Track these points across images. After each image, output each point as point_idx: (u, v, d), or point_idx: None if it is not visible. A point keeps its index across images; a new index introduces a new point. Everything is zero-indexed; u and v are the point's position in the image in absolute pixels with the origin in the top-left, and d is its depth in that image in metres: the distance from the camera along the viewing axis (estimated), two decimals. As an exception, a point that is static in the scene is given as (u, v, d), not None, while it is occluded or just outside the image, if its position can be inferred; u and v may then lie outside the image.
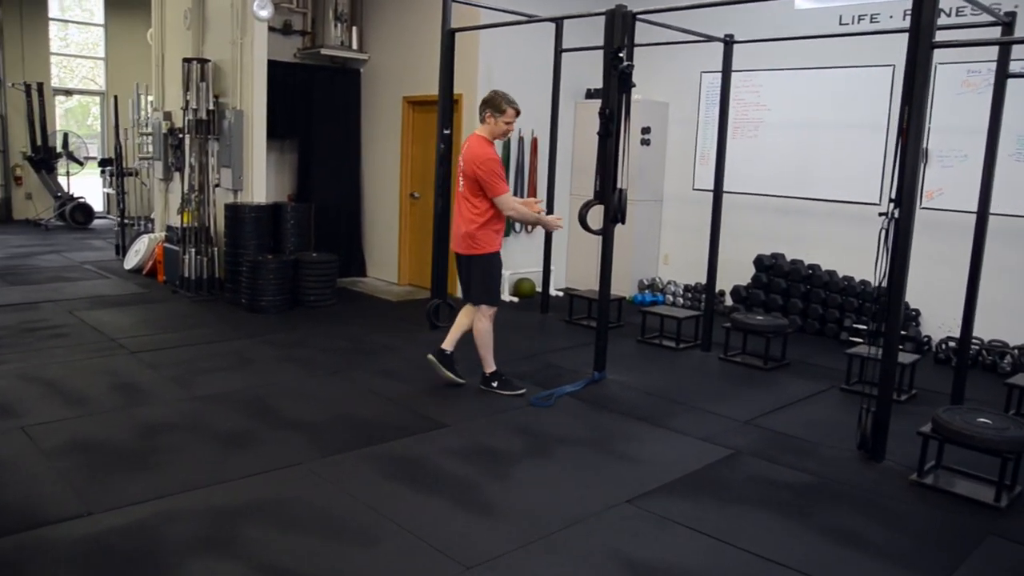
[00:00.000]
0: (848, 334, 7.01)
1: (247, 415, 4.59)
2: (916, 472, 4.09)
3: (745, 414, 5.00)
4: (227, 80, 7.95)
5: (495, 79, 8.05)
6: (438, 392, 5.21)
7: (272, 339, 6.35)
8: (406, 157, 8.89)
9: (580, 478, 3.95)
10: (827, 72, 7.41)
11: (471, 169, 4.95)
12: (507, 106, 4.95)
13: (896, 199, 4.08)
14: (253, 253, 7.49)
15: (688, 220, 8.59)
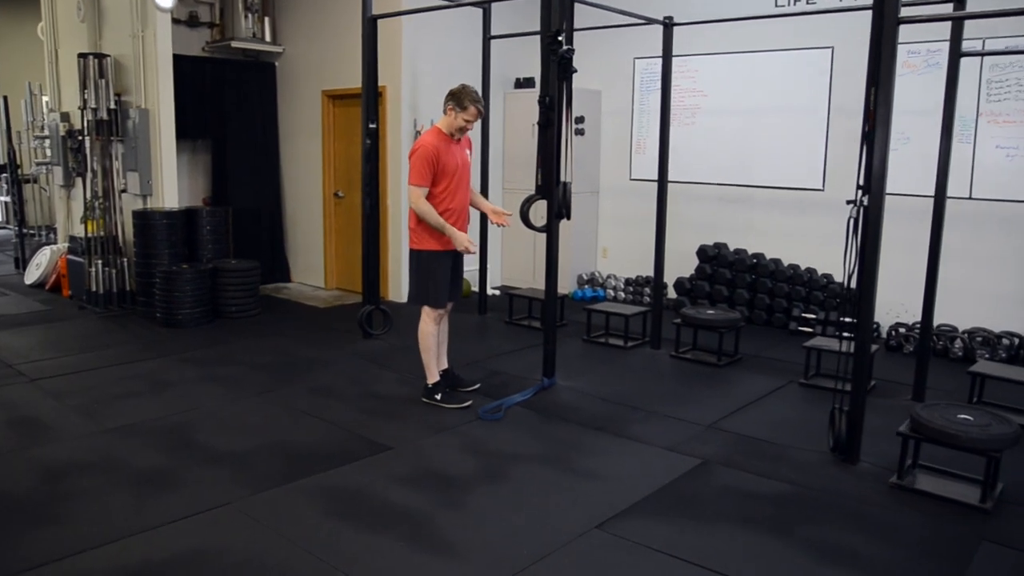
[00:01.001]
0: (798, 324, 6.83)
1: (165, 449, 4.10)
2: (896, 474, 3.86)
3: (707, 417, 4.73)
4: (129, 77, 7.32)
5: (420, 70, 7.63)
6: (377, 409, 4.80)
7: (191, 357, 5.82)
8: (328, 155, 8.40)
9: (542, 503, 3.60)
10: (764, 55, 7.21)
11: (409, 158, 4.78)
12: (470, 104, 4.67)
13: (864, 186, 3.83)
14: (167, 263, 6.92)
15: (626, 212, 8.33)
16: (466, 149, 4.95)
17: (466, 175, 4.89)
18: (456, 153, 4.79)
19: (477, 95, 4.74)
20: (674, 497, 3.66)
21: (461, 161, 4.82)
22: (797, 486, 3.80)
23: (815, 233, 7.05)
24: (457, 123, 4.71)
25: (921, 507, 3.62)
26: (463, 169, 4.84)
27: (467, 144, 4.97)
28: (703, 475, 3.91)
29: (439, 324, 4.97)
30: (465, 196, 4.88)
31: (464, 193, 4.87)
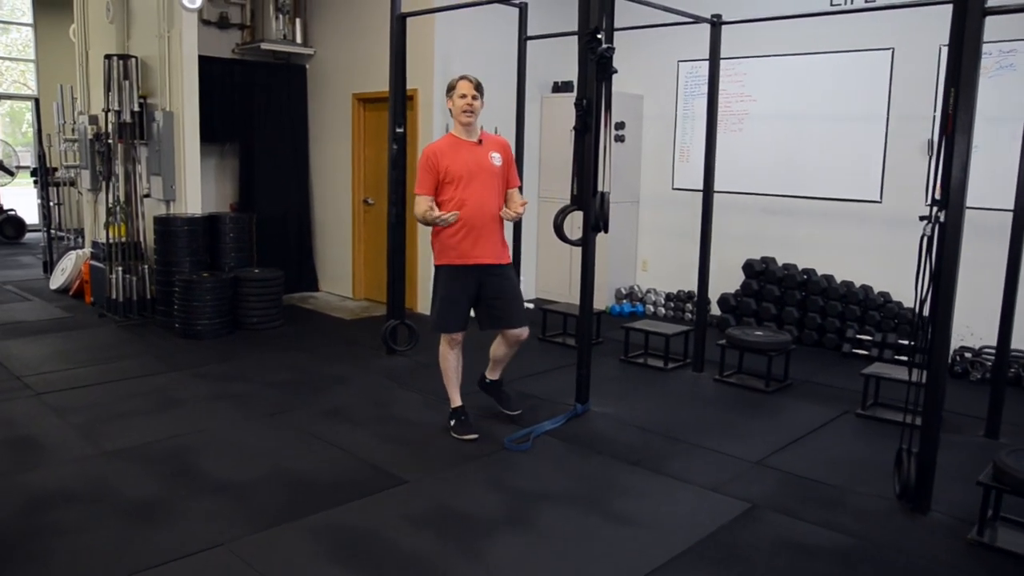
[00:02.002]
0: (852, 347, 6.35)
1: (164, 476, 3.78)
2: (976, 528, 3.40)
3: (755, 452, 4.30)
4: (155, 79, 7.10)
5: (453, 72, 7.26)
6: (395, 435, 4.45)
7: (205, 372, 5.53)
8: (358, 160, 8.10)
9: (572, 553, 3.21)
10: (818, 58, 6.75)
11: None
12: (456, 81, 4.36)
13: (941, 200, 3.39)
14: (187, 271, 6.67)
15: (668, 223, 7.90)
16: (492, 152, 4.41)
17: (488, 181, 4.34)
18: (468, 157, 4.32)
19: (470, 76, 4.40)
20: (720, 549, 3.25)
21: (476, 165, 4.32)
22: (860, 539, 3.36)
23: (871, 248, 6.57)
24: (457, 107, 4.34)
25: (1006, 570, 3.16)
26: (481, 174, 4.32)
27: (495, 146, 4.46)
28: (752, 522, 3.49)
29: (454, 349, 4.55)
30: (484, 204, 4.31)
31: (482, 200, 4.31)
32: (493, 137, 4.54)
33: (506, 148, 4.52)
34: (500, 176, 4.43)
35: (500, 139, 4.57)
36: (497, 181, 4.41)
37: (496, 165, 4.40)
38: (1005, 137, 5.50)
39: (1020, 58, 5.76)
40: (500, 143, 4.52)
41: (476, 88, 4.34)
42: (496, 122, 7.57)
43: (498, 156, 4.42)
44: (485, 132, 4.52)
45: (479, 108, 4.36)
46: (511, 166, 4.50)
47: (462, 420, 4.50)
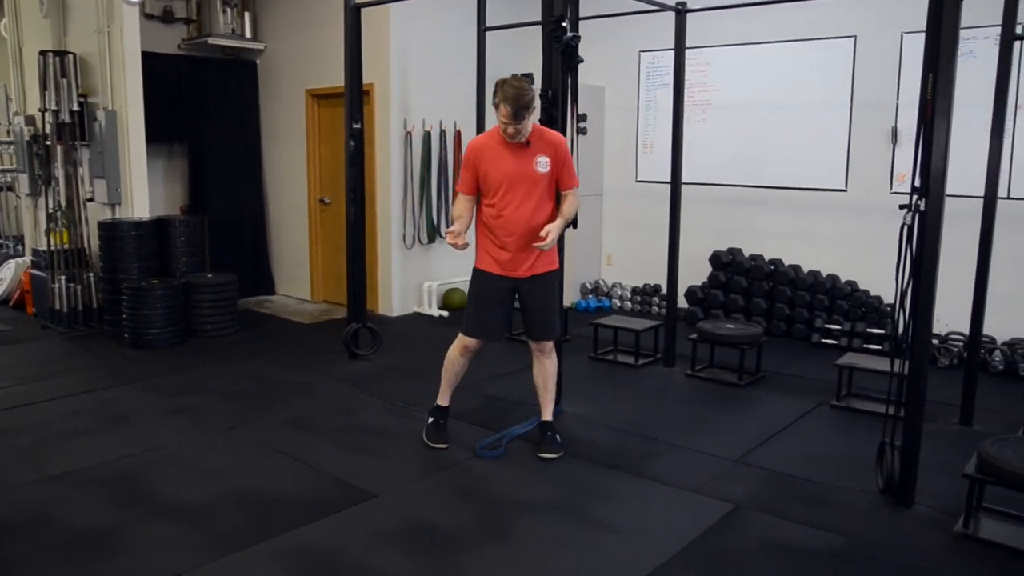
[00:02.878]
0: (821, 336, 6.30)
1: (114, 501, 3.54)
2: (961, 520, 3.32)
3: (733, 449, 4.18)
4: (95, 76, 6.77)
5: (410, 66, 7.10)
6: (362, 445, 4.25)
7: (158, 384, 5.26)
8: (313, 158, 7.85)
9: (554, 567, 3.05)
10: (781, 46, 6.67)
11: None
12: (500, 102, 3.74)
13: (921, 188, 3.29)
14: (136, 277, 6.37)
15: (632, 216, 7.79)
16: (539, 157, 3.89)
17: (530, 191, 3.90)
18: (509, 163, 3.89)
19: (516, 88, 3.70)
20: (707, 554, 3.12)
21: (516, 173, 3.89)
22: (848, 537, 3.25)
23: (837, 237, 6.52)
24: (500, 124, 3.86)
25: (995, 564, 3.08)
26: (521, 184, 3.89)
27: (545, 148, 3.92)
28: (737, 525, 3.37)
29: (464, 356, 4.23)
30: (524, 216, 3.90)
31: (521, 212, 3.90)
32: (547, 135, 3.98)
33: (558, 147, 3.96)
34: (545, 184, 3.94)
35: (554, 137, 3.99)
36: (541, 190, 3.93)
37: (541, 172, 3.90)
38: (966, 125, 5.47)
39: (979, 45, 5.73)
40: (552, 143, 3.95)
41: (515, 115, 3.73)
42: (455, 116, 7.42)
43: (545, 160, 3.91)
44: (539, 126, 4.01)
45: (526, 130, 3.82)
46: (564, 167, 3.97)
47: (439, 424, 4.27)
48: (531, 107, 3.75)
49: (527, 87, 3.72)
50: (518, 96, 3.68)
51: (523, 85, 3.72)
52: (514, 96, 3.68)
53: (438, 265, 7.61)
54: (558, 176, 3.97)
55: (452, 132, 7.46)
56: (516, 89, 3.69)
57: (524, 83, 3.74)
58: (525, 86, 3.72)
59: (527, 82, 3.76)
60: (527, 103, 3.71)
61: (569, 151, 4.03)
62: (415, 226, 7.37)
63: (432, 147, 7.33)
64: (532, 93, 3.73)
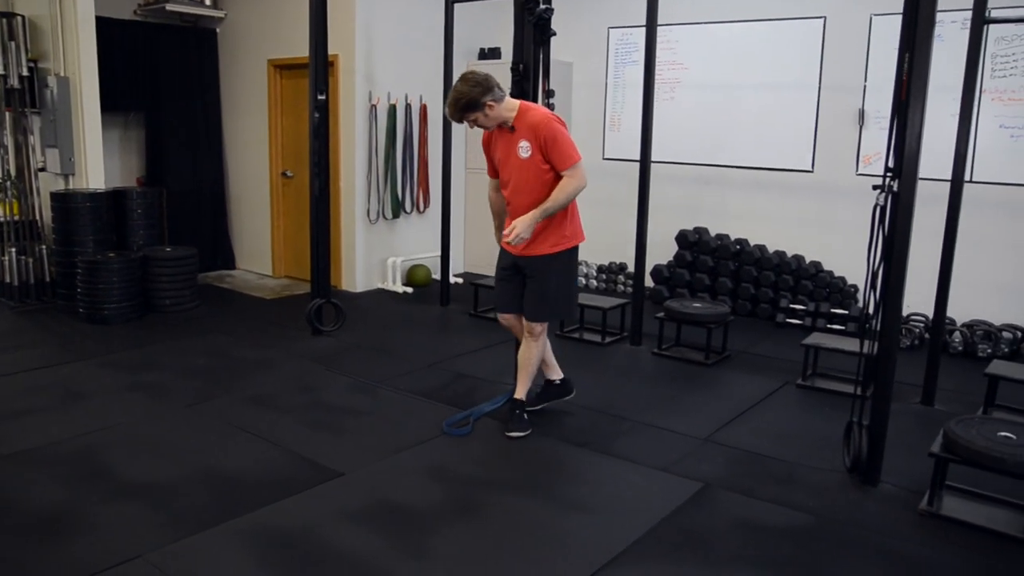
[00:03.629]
0: (785, 316, 6.34)
1: (70, 481, 3.42)
2: (925, 498, 3.36)
3: (702, 428, 4.19)
4: (47, 40, 6.52)
5: (376, 37, 6.96)
6: (327, 422, 4.17)
7: (114, 360, 5.12)
8: (275, 131, 7.68)
9: (522, 546, 3.02)
10: (750, 26, 6.65)
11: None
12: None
13: (895, 169, 3.29)
14: (91, 250, 6.19)
15: (598, 194, 7.69)
16: (520, 141, 3.76)
17: (520, 175, 3.83)
18: (500, 145, 3.88)
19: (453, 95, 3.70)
20: (677, 534, 3.11)
21: (506, 155, 3.85)
22: (816, 516, 3.27)
23: (803, 218, 6.55)
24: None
25: (958, 540, 3.12)
26: (509, 167, 3.86)
27: (525, 132, 3.75)
28: (707, 503, 3.37)
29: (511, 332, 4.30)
30: (519, 195, 3.86)
31: (517, 190, 3.86)
32: (528, 117, 3.78)
33: (536, 129, 3.73)
34: (531, 167, 3.78)
35: (532, 119, 3.76)
36: (530, 175, 3.80)
37: (523, 157, 3.78)
38: (934, 108, 5.50)
39: (948, 29, 5.76)
40: (530, 126, 3.75)
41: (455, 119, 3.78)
42: (421, 90, 7.30)
43: (526, 145, 3.76)
44: (527, 107, 3.83)
45: (487, 123, 3.78)
46: (549, 148, 3.73)
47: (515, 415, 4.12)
48: (472, 109, 3.68)
49: (463, 92, 3.66)
50: (451, 105, 3.72)
51: (459, 92, 3.67)
52: (448, 106, 3.75)
53: (403, 241, 7.51)
54: (548, 159, 3.76)
55: (418, 106, 7.34)
56: (450, 99, 3.73)
57: (463, 88, 3.66)
58: (460, 93, 3.67)
59: (470, 83, 3.66)
60: (463, 107, 3.68)
61: (556, 128, 3.74)
62: (379, 201, 7.25)
63: (397, 121, 7.20)
64: (468, 97, 3.65)
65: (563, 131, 3.78)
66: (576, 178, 3.83)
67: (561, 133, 3.76)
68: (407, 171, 7.38)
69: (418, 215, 7.58)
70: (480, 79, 3.68)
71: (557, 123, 3.78)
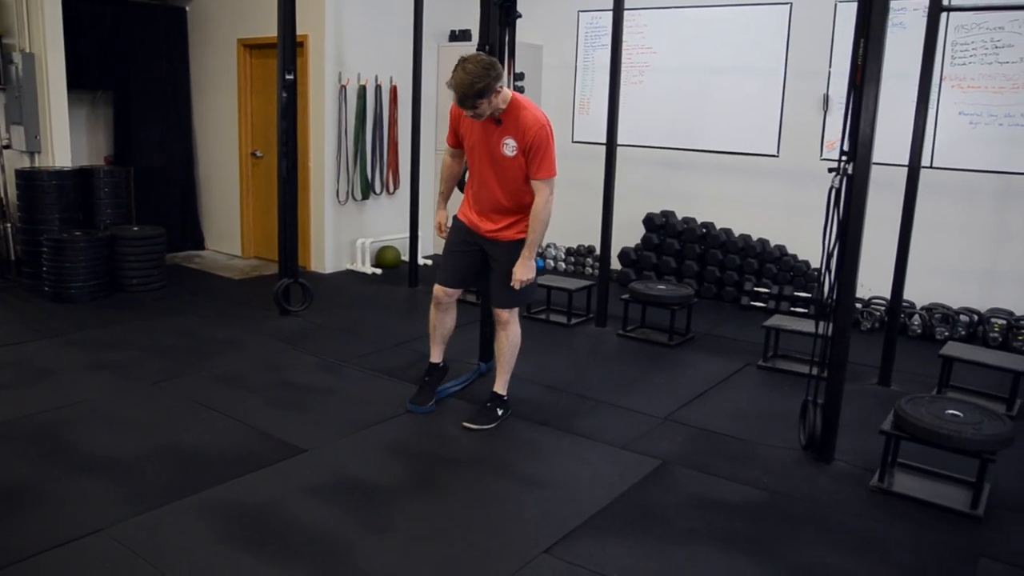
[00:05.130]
0: (750, 299, 6.44)
1: (33, 457, 3.44)
2: (876, 475, 3.46)
3: (662, 407, 4.27)
4: (10, 16, 6.44)
5: (346, 18, 6.94)
6: (291, 401, 4.21)
7: (80, 338, 5.11)
8: (245, 110, 7.64)
9: (481, 520, 3.09)
10: (717, 11, 6.71)
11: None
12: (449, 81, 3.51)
13: (849, 152, 3.37)
14: (56, 229, 6.14)
15: (567, 176, 7.63)
16: (505, 139, 3.63)
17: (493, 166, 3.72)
18: (479, 130, 3.69)
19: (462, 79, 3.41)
20: (633, 509, 3.19)
21: (484, 145, 3.71)
22: (770, 492, 3.36)
23: (769, 202, 6.65)
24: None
25: (907, 514, 3.22)
26: (486, 155, 3.72)
27: (513, 132, 3.61)
28: (663, 480, 3.45)
29: (437, 309, 4.14)
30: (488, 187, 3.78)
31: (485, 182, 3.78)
32: (522, 117, 3.61)
33: (526, 132, 3.59)
34: (512, 167, 3.68)
35: (526, 121, 3.60)
36: (510, 174, 3.71)
37: (507, 155, 3.66)
38: (895, 94, 5.61)
39: (909, 16, 5.86)
40: (522, 127, 3.60)
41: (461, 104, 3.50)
42: (392, 71, 7.29)
43: (512, 144, 3.63)
44: (519, 103, 3.64)
45: (484, 112, 3.53)
46: (532, 155, 3.61)
47: (422, 381, 4.17)
48: (483, 96, 3.43)
49: (478, 76, 3.38)
50: (464, 88, 3.41)
51: (473, 75, 3.38)
52: (460, 87, 3.42)
53: (372, 222, 7.52)
54: (527, 162, 3.65)
55: (388, 87, 7.34)
56: (462, 80, 3.40)
57: (476, 71, 3.39)
58: (475, 76, 3.38)
59: (483, 66, 3.41)
60: (476, 93, 3.41)
61: (546, 138, 3.61)
62: (349, 182, 7.26)
63: (367, 102, 7.19)
64: (484, 82, 3.39)
65: (552, 143, 3.67)
66: (544, 197, 3.72)
67: (550, 145, 3.65)
68: (377, 152, 7.38)
69: (388, 196, 7.59)
70: (491, 63, 3.46)
71: (549, 132, 3.65)
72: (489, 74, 3.41)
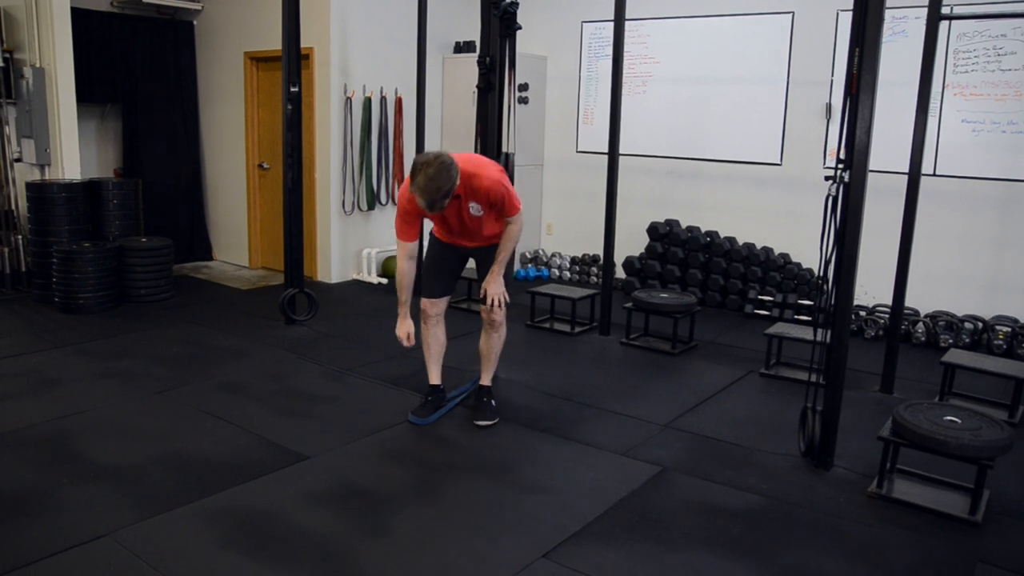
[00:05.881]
0: (754, 307, 6.45)
1: (40, 464, 3.49)
2: (875, 481, 3.47)
3: (663, 415, 4.29)
4: (22, 31, 6.54)
5: (351, 31, 7.01)
6: (295, 409, 4.25)
7: (88, 348, 5.17)
8: (251, 123, 7.72)
9: (480, 526, 3.11)
10: (721, 21, 6.76)
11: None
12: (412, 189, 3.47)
13: (846, 160, 3.39)
14: (66, 240, 6.22)
15: (572, 186, 7.85)
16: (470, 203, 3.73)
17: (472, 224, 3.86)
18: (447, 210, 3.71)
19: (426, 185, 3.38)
20: (632, 515, 3.21)
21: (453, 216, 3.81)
22: (768, 498, 3.38)
23: (772, 210, 6.67)
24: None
25: (904, 521, 3.23)
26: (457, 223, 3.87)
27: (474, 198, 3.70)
28: (663, 486, 3.47)
29: (426, 324, 4.17)
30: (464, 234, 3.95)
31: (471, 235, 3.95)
32: (475, 185, 3.66)
33: (489, 193, 3.68)
34: (486, 217, 3.83)
35: (482, 186, 3.66)
36: (478, 223, 3.85)
37: (475, 215, 3.79)
38: (897, 102, 5.64)
39: (911, 25, 5.88)
40: (481, 194, 3.68)
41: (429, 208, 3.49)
42: (396, 82, 7.36)
43: (477, 207, 3.76)
44: (469, 174, 3.62)
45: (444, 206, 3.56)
46: (499, 206, 3.73)
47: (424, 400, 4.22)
48: (450, 195, 3.46)
49: (443, 179, 3.38)
50: (431, 194, 3.40)
51: (438, 180, 3.38)
52: (427, 194, 3.41)
53: (378, 232, 7.58)
54: (497, 210, 3.78)
55: (393, 98, 7.40)
56: (427, 187, 3.39)
57: (439, 175, 3.38)
58: (440, 180, 3.38)
59: (443, 168, 3.39)
60: (444, 195, 3.43)
61: (504, 190, 3.70)
62: (355, 193, 7.32)
63: (372, 113, 7.26)
64: (449, 184, 3.41)
65: (510, 188, 3.77)
66: (518, 223, 3.86)
67: (509, 192, 3.74)
68: (382, 163, 7.44)
69: (393, 207, 7.64)
70: (448, 162, 3.43)
71: (504, 183, 3.73)
72: (451, 174, 3.42)
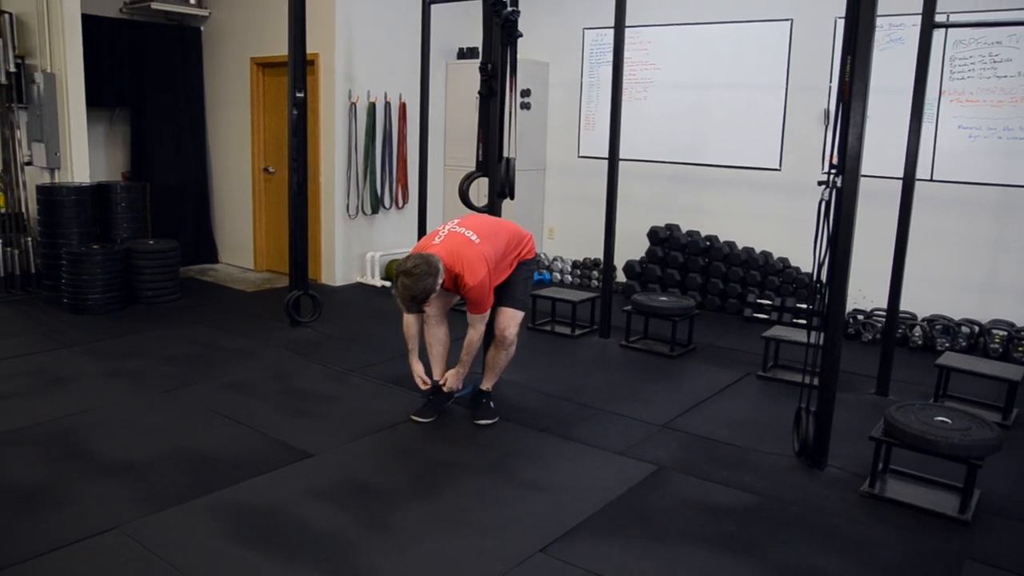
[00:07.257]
0: (753, 311, 6.53)
1: (51, 459, 3.58)
2: (867, 481, 3.54)
3: (661, 415, 4.37)
4: (33, 37, 6.65)
5: (356, 37, 7.11)
6: (300, 408, 4.33)
7: (97, 348, 5.27)
8: (257, 127, 7.82)
9: (479, 522, 3.19)
10: (720, 27, 6.84)
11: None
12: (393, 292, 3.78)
13: (839, 165, 3.47)
14: (75, 243, 6.31)
15: (574, 191, 7.93)
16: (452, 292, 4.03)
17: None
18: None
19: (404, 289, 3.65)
20: (628, 512, 3.28)
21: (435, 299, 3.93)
22: (762, 497, 3.45)
23: (771, 215, 6.75)
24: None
25: (896, 519, 3.30)
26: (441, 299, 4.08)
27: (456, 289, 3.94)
28: (659, 485, 3.54)
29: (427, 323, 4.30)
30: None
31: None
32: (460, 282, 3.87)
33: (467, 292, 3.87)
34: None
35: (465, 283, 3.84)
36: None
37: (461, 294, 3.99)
38: (895, 109, 5.71)
39: (907, 32, 5.96)
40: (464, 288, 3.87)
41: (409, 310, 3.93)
42: (400, 88, 7.45)
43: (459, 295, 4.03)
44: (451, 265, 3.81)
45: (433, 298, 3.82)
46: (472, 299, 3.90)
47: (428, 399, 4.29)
48: (429, 296, 3.69)
49: (417, 290, 3.62)
50: (411, 299, 3.68)
51: (412, 290, 3.61)
52: (407, 299, 3.68)
53: (381, 236, 7.67)
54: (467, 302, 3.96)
55: (397, 104, 7.50)
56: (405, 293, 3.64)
57: (417, 278, 3.60)
58: (414, 291, 3.62)
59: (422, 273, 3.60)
60: (423, 298, 3.68)
61: (484, 289, 3.86)
62: (359, 197, 7.41)
63: (377, 118, 7.36)
64: (424, 293, 3.64)
65: (487, 288, 3.89)
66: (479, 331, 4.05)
67: (486, 292, 3.89)
68: (386, 167, 7.53)
69: (397, 211, 7.74)
70: (427, 268, 3.64)
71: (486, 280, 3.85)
72: (426, 283, 3.63)
